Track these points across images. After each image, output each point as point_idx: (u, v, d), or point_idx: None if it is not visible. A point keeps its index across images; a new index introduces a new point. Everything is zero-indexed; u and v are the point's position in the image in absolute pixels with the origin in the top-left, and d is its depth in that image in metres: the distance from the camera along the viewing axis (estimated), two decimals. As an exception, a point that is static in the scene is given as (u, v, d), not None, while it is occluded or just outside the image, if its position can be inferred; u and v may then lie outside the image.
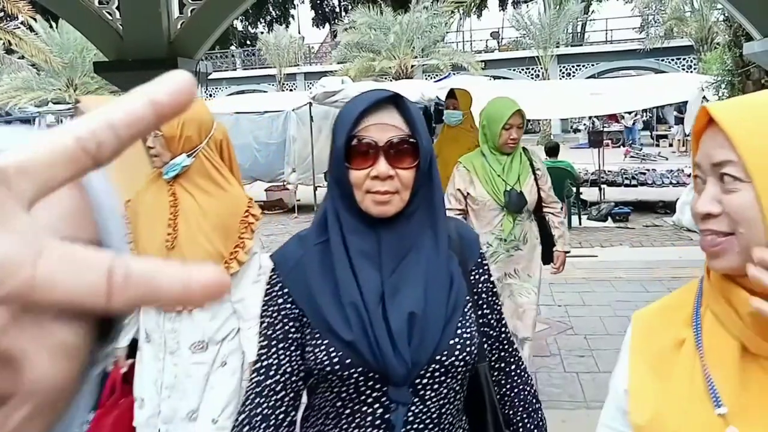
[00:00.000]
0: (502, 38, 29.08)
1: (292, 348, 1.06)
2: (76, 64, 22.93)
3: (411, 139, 1.03)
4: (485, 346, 1.16)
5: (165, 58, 6.64)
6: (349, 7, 31.53)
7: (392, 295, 1.01)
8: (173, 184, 1.98)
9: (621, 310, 4.68)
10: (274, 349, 1.07)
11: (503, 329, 1.20)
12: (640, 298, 4.85)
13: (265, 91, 25.39)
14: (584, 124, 20.99)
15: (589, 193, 9.43)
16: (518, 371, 1.23)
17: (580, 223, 8.50)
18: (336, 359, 1.01)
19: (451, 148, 3.58)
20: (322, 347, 1.02)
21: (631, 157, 16.46)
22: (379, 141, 1.01)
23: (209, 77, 7.85)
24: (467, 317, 1.08)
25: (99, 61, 7.06)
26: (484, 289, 1.17)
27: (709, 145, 0.79)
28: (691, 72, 19.79)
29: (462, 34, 28.37)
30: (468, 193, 3.01)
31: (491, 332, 1.18)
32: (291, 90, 26.10)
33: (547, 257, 3.20)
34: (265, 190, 11.02)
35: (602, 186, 9.60)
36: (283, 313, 1.08)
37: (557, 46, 23.90)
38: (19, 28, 17.63)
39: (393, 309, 1.01)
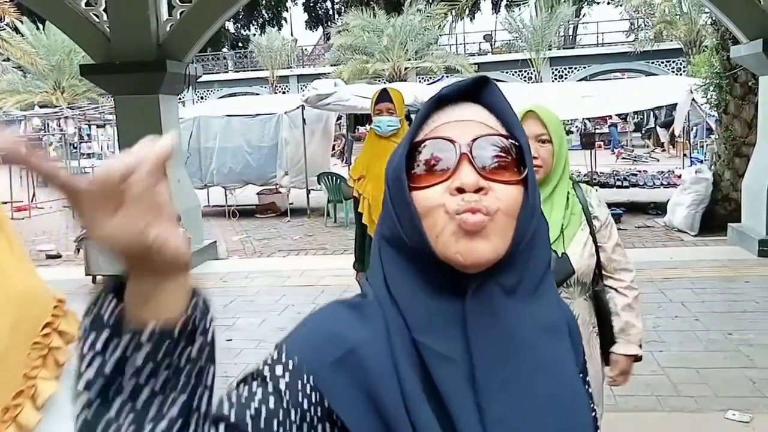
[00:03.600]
0: (495, 41, 29.19)
1: None
2: (64, 66, 22.81)
3: (509, 141, 0.65)
4: None
5: (153, 61, 6.60)
6: (343, 9, 31.53)
7: None
8: None
9: (613, 312, 4.68)
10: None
11: None
12: (631, 300, 4.84)
13: (257, 94, 25.33)
14: (576, 126, 21.09)
15: (580, 195, 9.45)
16: None
17: (572, 225, 8.51)
18: None
19: (383, 165, 2.79)
20: None
21: (623, 158, 16.56)
22: (459, 140, 0.64)
23: (200, 80, 7.83)
24: None
25: (85, 64, 7.00)
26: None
27: None
28: (681, 74, 19.96)
29: (455, 36, 28.44)
30: None
31: None
32: (283, 92, 26.05)
33: (603, 351, 1.96)
34: (257, 194, 10.97)
35: (594, 187, 9.63)
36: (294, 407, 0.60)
37: (549, 49, 24.03)
38: (4, 30, 17.51)
39: None
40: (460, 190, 0.62)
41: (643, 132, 20.59)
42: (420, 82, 19.46)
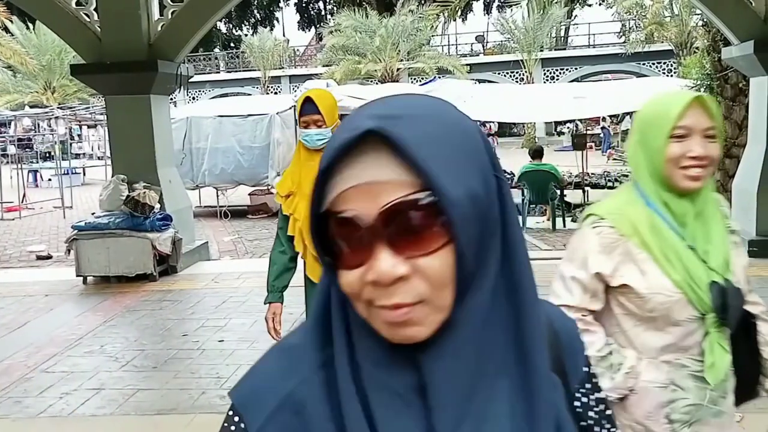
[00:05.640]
0: (487, 42, 29.27)
1: None
2: (54, 66, 22.69)
3: (425, 198, 0.53)
4: None
5: (144, 61, 6.56)
6: (335, 10, 31.51)
7: None
8: None
9: (605, 312, 4.70)
10: None
11: None
12: (623, 300, 4.86)
13: (249, 94, 25.26)
14: (568, 127, 21.19)
15: (572, 196, 9.50)
16: None
17: (564, 225, 8.56)
18: None
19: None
20: None
21: (614, 159, 16.66)
22: (365, 215, 0.53)
23: (191, 80, 7.79)
24: None
25: (76, 64, 6.96)
26: (597, 417, 0.70)
27: None
28: (671, 76, 20.10)
29: (447, 37, 28.52)
30: (623, 284, 1.44)
31: None
32: (275, 93, 25.99)
33: (741, 393, 1.53)
34: (249, 194, 10.94)
35: (586, 188, 9.68)
36: None
37: (541, 50, 24.13)
38: (-6, 29, 17.37)
39: None
40: (378, 283, 0.53)
41: (621, 132, 20.65)
42: (412, 82, 19.49)
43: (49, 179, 15.82)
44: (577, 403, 0.68)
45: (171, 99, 9.03)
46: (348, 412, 0.56)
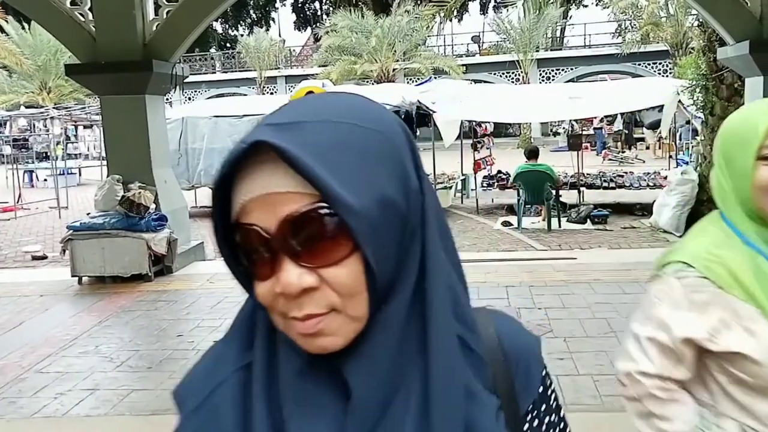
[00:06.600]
0: (483, 42, 29.32)
1: None
2: (50, 66, 22.61)
3: (322, 209, 0.51)
4: None
5: (140, 61, 6.55)
6: (331, 10, 31.52)
7: None
8: None
9: (599, 312, 4.70)
10: None
11: None
12: (618, 300, 4.88)
13: (244, 95, 25.23)
14: (563, 128, 21.21)
15: (568, 196, 9.52)
16: None
17: (559, 226, 8.58)
18: None
19: None
20: None
21: (609, 159, 16.71)
22: (267, 227, 0.52)
23: (187, 80, 7.79)
24: None
25: (71, 64, 6.94)
26: None
27: None
28: (667, 76, 20.16)
29: (443, 38, 28.55)
30: (724, 351, 1.13)
31: None
32: (271, 93, 25.97)
33: None
34: (245, 194, 10.93)
35: (581, 188, 9.71)
36: None
37: (537, 50, 24.18)
38: (-10, 29, 17.32)
39: None
40: (284, 295, 0.52)
41: (613, 133, 20.65)
42: (408, 83, 19.50)
43: (45, 179, 15.77)
44: (525, 426, 0.65)
45: (166, 99, 9.02)
46: (255, 418, 0.56)
